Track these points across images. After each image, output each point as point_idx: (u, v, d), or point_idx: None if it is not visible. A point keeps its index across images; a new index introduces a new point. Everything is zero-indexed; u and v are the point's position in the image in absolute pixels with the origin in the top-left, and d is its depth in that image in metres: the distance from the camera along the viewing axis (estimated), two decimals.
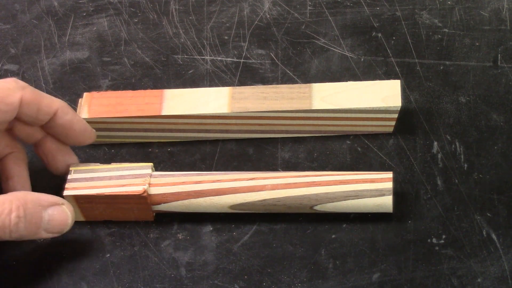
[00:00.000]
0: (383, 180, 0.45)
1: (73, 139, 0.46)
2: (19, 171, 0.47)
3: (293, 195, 0.45)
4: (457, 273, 0.45)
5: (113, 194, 0.45)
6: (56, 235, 0.44)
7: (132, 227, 0.48)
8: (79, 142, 0.46)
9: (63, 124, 0.45)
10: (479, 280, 0.45)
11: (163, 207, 0.46)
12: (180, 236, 0.48)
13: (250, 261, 0.47)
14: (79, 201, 0.46)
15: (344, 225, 0.48)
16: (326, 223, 0.48)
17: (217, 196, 0.46)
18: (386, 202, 0.45)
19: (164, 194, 0.46)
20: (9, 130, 0.46)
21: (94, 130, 0.47)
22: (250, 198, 0.46)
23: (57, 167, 0.47)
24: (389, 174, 0.46)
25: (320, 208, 0.46)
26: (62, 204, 0.44)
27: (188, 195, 0.46)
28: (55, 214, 0.43)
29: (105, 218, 0.48)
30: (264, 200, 0.46)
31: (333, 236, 0.47)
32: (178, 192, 0.46)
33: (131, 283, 0.46)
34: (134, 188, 0.45)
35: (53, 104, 0.44)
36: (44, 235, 0.43)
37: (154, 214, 0.48)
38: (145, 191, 0.45)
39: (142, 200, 0.46)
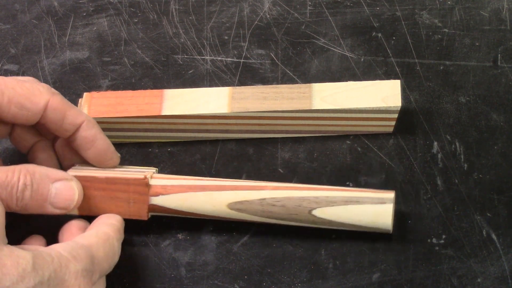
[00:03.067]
0: (385, 192, 0.45)
1: (94, 156, 0.46)
2: (47, 158, 0.47)
3: (293, 196, 0.45)
4: (457, 273, 0.45)
5: (114, 177, 0.45)
6: (62, 211, 0.44)
7: (132, 227, 0.48)
8: (99, 161, 0.46)
9: (87, 137, 0.45)
10: (479, 280, 0.45)
11: (162, 200, 0.46)
12: (180, 236, 0.48)
13: (250, 261, 0.47)
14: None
15: None
16: None
17: (217, 192, 0.45)
18: (386, 211, 0.44)
19: (165, 186, 0.46)
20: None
21: (119, 155, 0.47)
22: (250, 197, 0.45)
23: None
24: (391, 192, 0.45)
25: (318, 214, 0.45)
26: (71, 180, 0.44)
27: (189, 188, 0.46)
28: (62, 188, 0.43)
29: (99, 213, 0.46)
30: (264, 199, 0.45)
31: (333, 236, 0.47)
32: (180, 185, 0.46)
33: (131, 283, 0.46)
34: (135, 175, 0.45)
35: (79, 115, 0.45)
36: (50, 209, 0.43)
37: (150, 215, 0.47)
38: (146, 178, 0.45)
39: (142, 188, 0.45)
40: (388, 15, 0.57)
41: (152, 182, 0.46)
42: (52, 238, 0.45)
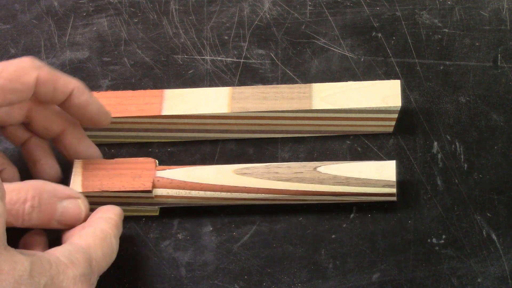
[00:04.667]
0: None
1: (88, 120, 0.46)
2: (43, 153, 0.47)
3: (298, 162, 0.46)
4: (457, 273, 0.45)
5: (122, 159, 0.47)
6: (67, 227, 0.44)
7: (132, 227, 0.48)
8: (94, 123, 0.46)
9: (79, 104, 0.45)
10: (479, 280, 0.45)
11: (168, 173, 0.46)
12: (180, 236, 0.48)
13: (250, 261, 0.47)
14: (85, 165, 0.47)
15: (344, 225, 0.48)
16: (326, 223, 0.48)
17: (223, 165, 0.47)
18: (390, 165, 0.45)
19: (171, 166, 0.47)
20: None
21: (109, 113, 0.47)
22: (256, 165, 0.46)
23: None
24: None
25: (323, 170, 0.45)
26: (78, 198, 0.44)
27: (193, 163, 0.47)
28: (70, 207, 0.43)
29: (102, 189, 0.46)
30: (269, 165, 0.46)
31: (333, 236, 0.47)
32: (184, 165, 0.47)
33: (131, 283, 0.46)
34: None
35: (69, 83, 0.44)
36: (56, 225, 0.43)
37: (154, 193, 0.46)
38: (151, 159, 0.47)
39: (149, 164, 0.46)
40: (388, 15, 0.57)
41: (159, 163, 0.47)
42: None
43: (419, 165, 0.50)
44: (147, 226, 0.48)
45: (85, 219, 0.44)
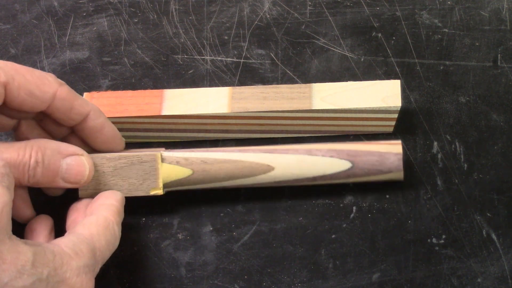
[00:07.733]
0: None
1: (102, 144, 0.46)
2: (37, 134, 0.47)
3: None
4: (457, 273, 0.45)
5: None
6: (74, 186, 0.44)
7: (132, 227, 0.48)
8: (107, 147, 0.47)
9: (94, 126, 0.45)
10: (479, 280, 0.45)
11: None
12: (180, 236, 0.48)
13: (250, 261, 0.47)
14: None
15: (344, 225, 0.48)
16: (326, 223, 0.48)
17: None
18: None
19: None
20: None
21: (123, 139, 0.48)
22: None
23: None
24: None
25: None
26: (82, 155, 0.44)
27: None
28: (73, 164, 0.44)
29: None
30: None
31: (333, 236, 0.47)
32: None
33: (131, 283, 0.46)
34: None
35: (86, 105, 0.45)
36: (61, 184, 0.44)
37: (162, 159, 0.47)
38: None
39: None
40: (388, 15, 0.57)
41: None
42: (58, 217, 0.45)
43: (419, 165, 0.50)
44: (147, 226, 0.48)
45: (89, 177, 0.45)
